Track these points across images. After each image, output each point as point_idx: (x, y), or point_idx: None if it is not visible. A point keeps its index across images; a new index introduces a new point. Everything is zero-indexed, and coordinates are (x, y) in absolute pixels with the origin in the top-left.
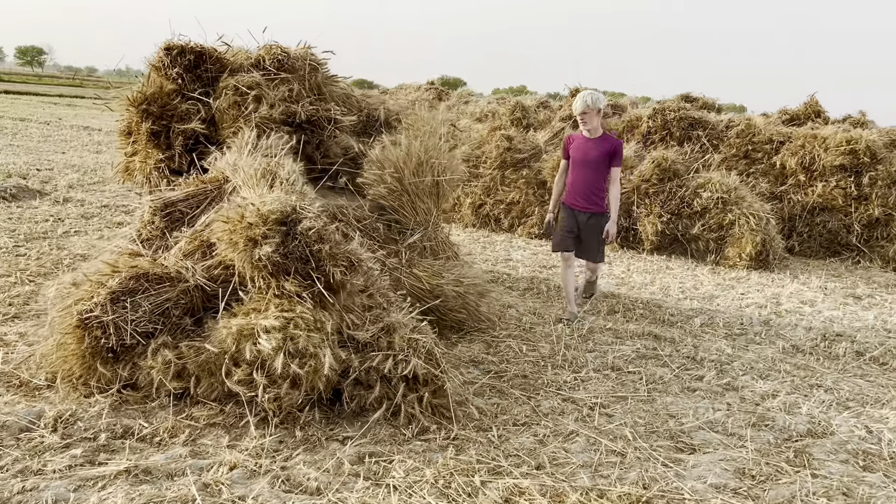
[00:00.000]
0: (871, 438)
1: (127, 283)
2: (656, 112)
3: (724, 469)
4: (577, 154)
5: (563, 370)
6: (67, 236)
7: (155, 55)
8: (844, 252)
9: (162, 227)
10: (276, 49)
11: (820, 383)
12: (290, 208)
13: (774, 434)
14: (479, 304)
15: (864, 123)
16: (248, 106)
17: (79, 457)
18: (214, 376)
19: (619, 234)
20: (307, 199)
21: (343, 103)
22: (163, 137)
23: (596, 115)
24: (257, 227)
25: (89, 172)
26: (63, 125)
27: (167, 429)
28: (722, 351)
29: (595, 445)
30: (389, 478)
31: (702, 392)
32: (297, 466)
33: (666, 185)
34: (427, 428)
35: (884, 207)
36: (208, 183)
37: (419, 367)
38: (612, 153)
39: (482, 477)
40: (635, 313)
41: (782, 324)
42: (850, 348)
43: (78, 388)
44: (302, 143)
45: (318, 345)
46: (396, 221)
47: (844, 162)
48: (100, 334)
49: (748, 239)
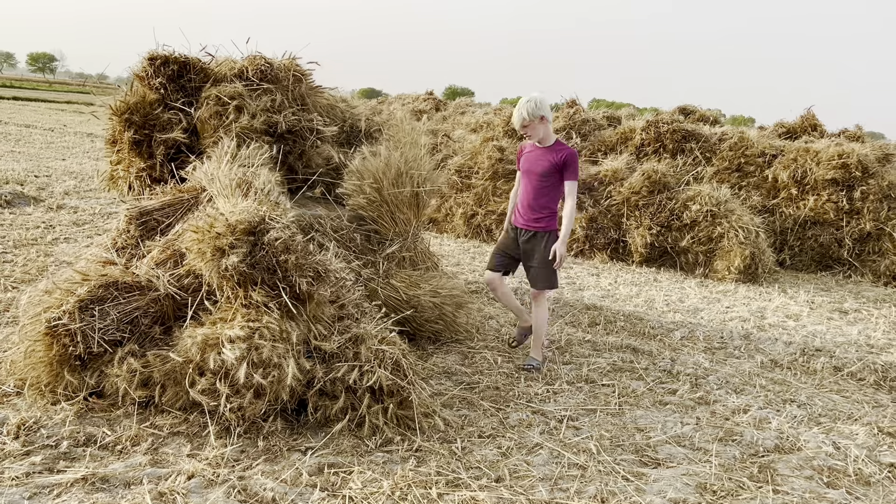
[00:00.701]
0: (837, 455)
1: (96, 291)
2: (650, 124)
3: (685, 484)
4: (525, 164)
5: (536, 382)
6: (56, 243)
7: (139, 65)
8: (836, 266)
9: (137, 235)
10: (259, 60)
11: (794, 398)
12: (259, 218)
13: (741, 449)
14: (456, 315)
15: (860, 137)
16: (230, 116)
17: (38, 464)
18: (180, 385)
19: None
20: (279, 209)
21: (327, 114)
22: (145, 146)
23: (539, 123)
24: (225, 237)
25: (86, 179)
26: (67, 132)
27: (130, 437)
28: (699, 365)
29: (558, 458)
30: (347, 489)
31: (673, 406)
32: (255, 477)
33: (656, 197)
34: (391, 439)
35: (875, 222)
36: (185, 192)
37: (384, 378)
38: (563, 164)
39: (439, 489)
40: (616, 325)
41: (763, 338)
42: (829, 363)
43: (45, 396)
44: (283, 153)
45: (283, 355)
46: (375, 231)
47: (836, 176)
48: (67, 342)
49: (737, 252)
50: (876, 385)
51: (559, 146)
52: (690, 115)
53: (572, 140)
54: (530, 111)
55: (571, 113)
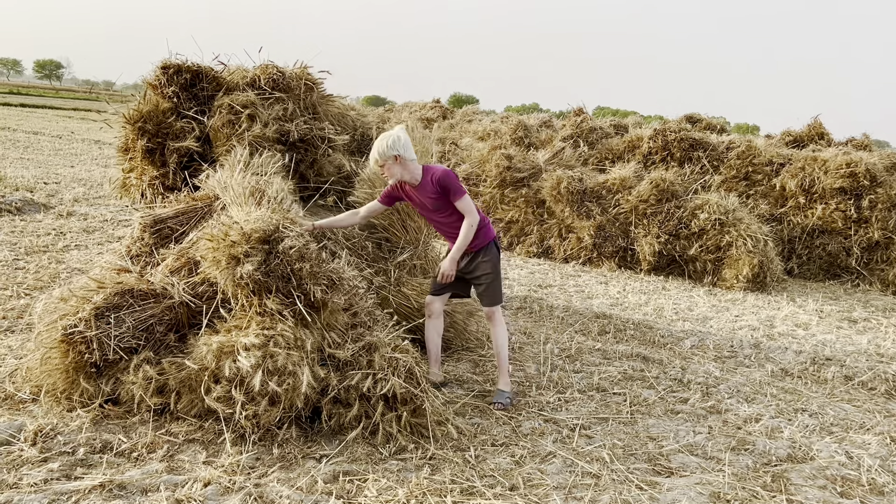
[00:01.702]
0: (850, 464)
1: (112, 298)
2: (657, 133)
3: (699, 493)
4: (416, 206)
5: (547, 391)
6: (67, 250)
7: (152, 74)
8: (844, 275)
9: (151, 243)
10: (271, 69)
11: (805, 407)
12: (273, 227)
13: (754, 458)
14: (467, 322)
15: (867, 146)
16: (242, 124)
17: (56, 471)
18: (195, 392)
19: (616, 254)
20: (292, 217)
21: (338, 122)
22: (158, 155)
23: (395, 163)
24: (240, 246)
25: (95, 186)
26: (75, 139)
27: (146, 444)
28: (710, 373)
29: (571, 467)
30: (362, 497)
31: (685, 415)
32: (271, 484)
33: (664, 205)
34: (405, 447)
35: (883, 230)
36: (198, 200)
37: (398, 386)
38: (443, 191)
39: (454, 497)
40: (626, 334)
41: (773, 347)
42: (840, 372)
43: (61, 403)
44: (295, 161)
45: (297, 363)
46: (386, 240)
47: (844, 185)
48: (83, 349)
49: (745, 261)
50: (887, 394)
51: (427, 174)
52: (697, 123)
53: (580, 148)
54: (381, 151)
55: (579, 121)
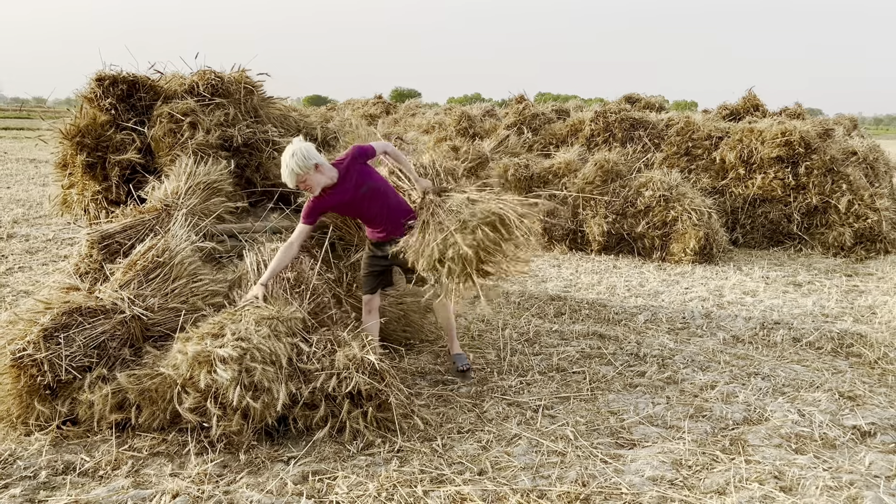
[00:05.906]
0: (803, 422)
1: (60, 318)
2: (598, 115)
3: (661, 461)
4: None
5: (509, 375)
6: (11, 273)
7: (87, 86)
8: (786, 241)
9: (100, 259)
10: (209, 74)
11: (757, 371)
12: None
13: (712, 424)
14: (423, 321)
15: (801, 114)
16: (184, 133)
17: (18, 496)
18: (156, 404)
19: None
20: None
21: (281, 124)
22: (99, 169)
23: (315, 172)
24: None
25: (35, 206)
26: (8, 158)
27: (109, 461)
28: (664, 346)
29: (537, 447)
30: (333, 494)
31: (643, 387)
32: (241, 490)
33: (609, 185)
34: (372, 442)
35: (821, 195)
36: (146, 213)
37: (363, 383)
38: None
39: (425, 486)
40: (581, 314)
41: (723, 315)
42: (788, 335)
43: (17, 428)
44: (241, 166)
45: (273, 379)
46: (340, 238)
47: (781, 153)
48: (35, 372)
49: (691, 234)
50: (833, 353)
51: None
52: (636, 103)
53: (524, 135)
54: (301, 165)
55: (521, 108)
